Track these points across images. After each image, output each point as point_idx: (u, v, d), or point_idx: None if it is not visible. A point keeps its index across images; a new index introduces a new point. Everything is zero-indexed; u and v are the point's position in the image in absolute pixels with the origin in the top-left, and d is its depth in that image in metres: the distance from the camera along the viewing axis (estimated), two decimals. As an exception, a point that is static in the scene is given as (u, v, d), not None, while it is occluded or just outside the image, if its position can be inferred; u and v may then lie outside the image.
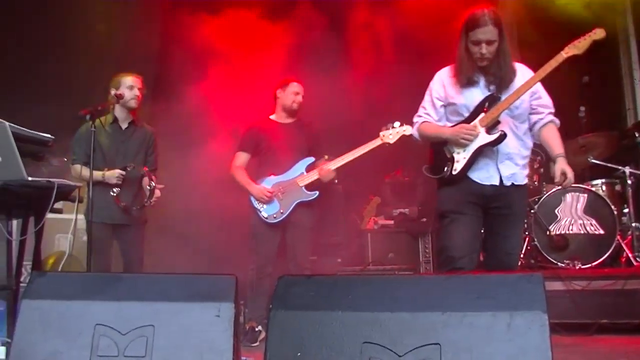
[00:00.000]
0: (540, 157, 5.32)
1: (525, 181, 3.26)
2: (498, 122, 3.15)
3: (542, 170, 5.29)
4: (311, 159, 4.52)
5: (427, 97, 3.37)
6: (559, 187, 4.89)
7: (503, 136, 3.12)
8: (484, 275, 1.98)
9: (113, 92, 4.20)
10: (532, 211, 4.83)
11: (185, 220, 6.11)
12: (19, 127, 3.38)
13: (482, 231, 3.29)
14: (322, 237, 4.85)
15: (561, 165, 3.17)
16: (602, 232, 4.68)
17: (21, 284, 3.57)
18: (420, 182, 6.43)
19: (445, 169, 3.21)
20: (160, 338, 2.17)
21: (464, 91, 3.22)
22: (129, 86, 4.24)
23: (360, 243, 5.81)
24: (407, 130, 4.19)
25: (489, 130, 3.14)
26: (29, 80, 5.54)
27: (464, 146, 3.16)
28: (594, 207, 4.75)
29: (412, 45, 5.95)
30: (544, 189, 5.14)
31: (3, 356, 3.12)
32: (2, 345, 3.28)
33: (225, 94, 6.21)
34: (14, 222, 3.98)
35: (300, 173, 4.47)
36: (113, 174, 4.10)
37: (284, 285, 2.10)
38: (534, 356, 1.74)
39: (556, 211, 4.80)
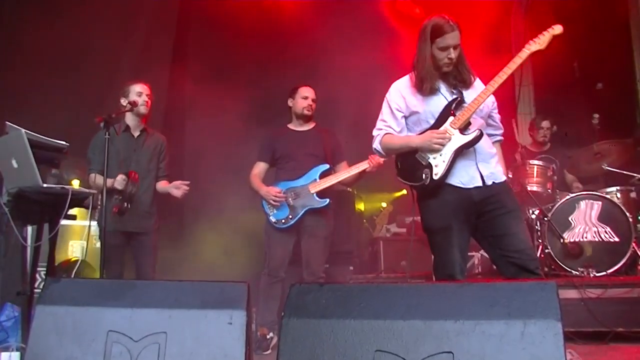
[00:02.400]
0: (554, 165, 5.29)
1: (503, 178, 3.21)
2: (469, 123, 3.12)
3: (555, 178, 5.26)
4: (326, 166, 4.53)
5: (385, 110, 3.30)
6: (573, 195, 4.87)
7: (480, 135, 3.09)
8: (497, 283, 1.97)
9: (123, 101, 4.27)
10: (545, 219, 4.80)
11: (199, 224, 6.16)
12: (34, 134, 3.42)
13: (488, 237, 3.18)
14: (334, 245, 4.85)
15: None
16: (617, 239, 4.64)
17: (35, 290, 3.60)
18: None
19: (424, 176, 3.13)
20: (173, 345, 2.18)
21: (426, 99, 3.18)
22: (137, 92, 4.29)
23: (373, 251, 5.79)
24: None
25: (463, 131, 3.11)
26: (44, 87, 5.59)
27: (437, 151, 3.12)
28: (608, 215, 4.70)
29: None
30: (558, 197, 5.10)
31: (17, 362, 3.14)
32: (17, 350, 3.31)
33: (242, 103, 6.25)
34: (29, 228, 4.01)
35: (313, 179, 4.48)
36: (117, 180, 4.09)
37: (296, 293, 2.10)
38: (548, 365, 1.73)
39: (570, 219, 4.77)
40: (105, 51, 6.02)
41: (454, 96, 3.16)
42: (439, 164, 3.12)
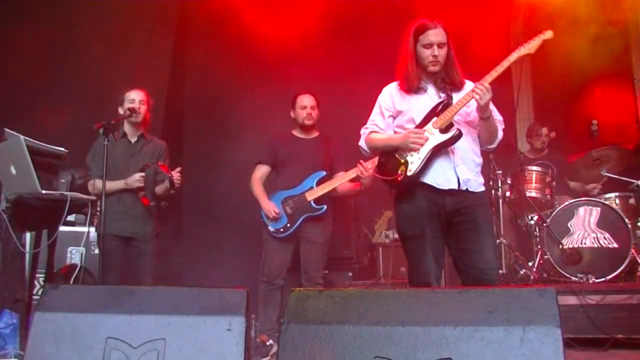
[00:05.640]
0: (552, 171, 5.29)
1: (480, 189, 3.18)
2: (452, 124, 3.13)
3: (554, 183, 5.26)
4: (322, 173, 4.53)
5: (375, 109, 3.35)
6: (572, 201, 4.87)
7: (459, 134, 3.08)
8: (496, 289, 1.97)
9: (120, 110, 4.29)
10: (544, 225, 4.80)
11: (198, 229, 6.15)
12: (33, 140, 3.42)
13: (453, 249, 3.19)
14: (333, 251, 4.84)
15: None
16: (616, 245, 4.63)
17: (34, 297, 3.60)
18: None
19: (400, 171, 3.15)
20: (172, 351, 2.17)
21: (412, 99, 3.21)
22: (130, 100, 4.32)
23: (372, 257, 5.78)
24: None
25: (444, 131, 3.12)
26: (42, 94, 5.60)
27: (415, 150, 3.12)
28: (607, 221, 4.70)
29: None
30: (557, 203, 5.10)
31: (16, 369, 3.14)
32: (15, 357, 3.31)
33: (240, 107, 6.26)
34: (27, 235, 4.01)
35: (310, 187, 4.49)
36: (134, 179, 4.17)
37: (295, 300, 2.09)
38: (547, 372, 1.73)
39: (569, 225, 4.76)
40: (104, 57, 6.03)
41: (442, 98, 3.16)
42: (414, 161, 3.13)
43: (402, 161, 3.16)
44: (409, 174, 3.12)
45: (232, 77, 6.41)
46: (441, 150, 3.12)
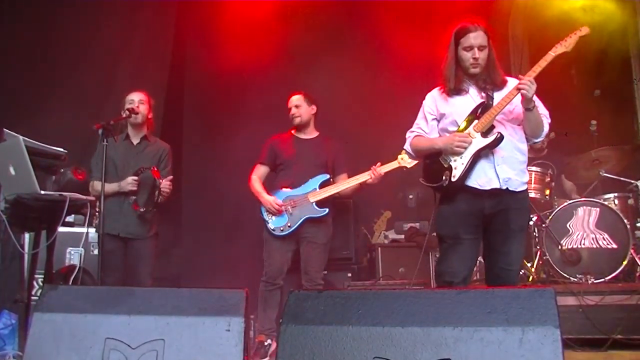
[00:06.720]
0: (552, 171, 5.29)
1: (522, 188, 3.23)
2: (493, 127, 3.16)
3: (553, 184, 5.26)
4: (326, 176, 4.54)
5: (420, 113, 3.44)
6: (571, 202, 4.87)
7: (500, 138, 3.13)
8: (495, 290, 1.97)
9: (123, 113, 4.28)
10: (543, 225, 4.80)
11: (197, 229, 6.15)
12: (32, 140, 3.42)
13: (484, 246, 3.30)
14: (332, 251, 4.84)
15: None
16: (615, 246, 4.63)
17: (33, 297, 3.59)
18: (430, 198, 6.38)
19: (444, 177, 3.21)
20: (171, 352, 2.18)
21: (455, 100, 3.27)
22: (129, 101, 4.32)
23: (371, 257, 5.77)
24: None
25: (485, 134, 3.16)
26: (42, 94, 5.60)
27: (459, 154, 3.18)
28: (606, 221, 4.69)
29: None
30: (556, 203, 5.10)
31: (15, 369, 3.13)
32: (14, 358, 3.30)
33: (239, 107, 6.25)
34: (26, 236, 4.01)
35: (313, 189, 4.48)
36: (127, 182, 4.14)
37: (294, 300, 2.09)
38: (546, 372, 1.73)
39: (568, 225, 4.76)
40: (103, 58, 6.03)
41: (482, 99, 3.21)
42: (458, 166, 3.19)
43: (446, 166, 3.23)
44: (453, 180, 3.19)
45: (232, 76, 6.41)
46: (483, 153, 3.17)
